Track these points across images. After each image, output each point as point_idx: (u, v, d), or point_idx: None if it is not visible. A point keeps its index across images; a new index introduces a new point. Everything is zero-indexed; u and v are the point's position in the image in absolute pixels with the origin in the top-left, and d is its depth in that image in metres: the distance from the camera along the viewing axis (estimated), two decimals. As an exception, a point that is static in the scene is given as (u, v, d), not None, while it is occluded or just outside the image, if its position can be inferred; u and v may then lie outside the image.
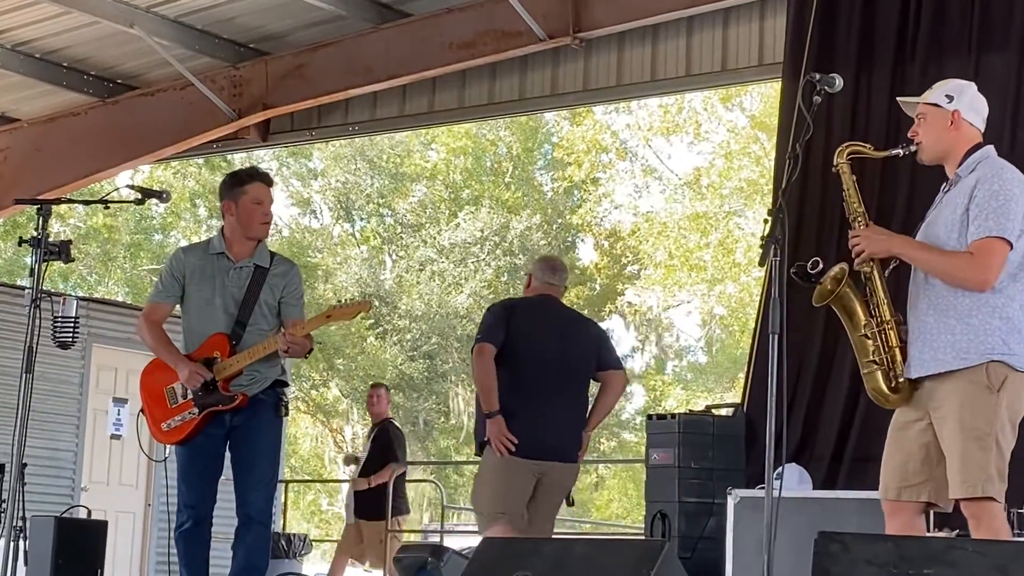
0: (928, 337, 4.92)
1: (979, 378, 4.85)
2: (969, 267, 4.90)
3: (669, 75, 10.91)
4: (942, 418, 4.88)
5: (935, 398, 4.91)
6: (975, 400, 4.84)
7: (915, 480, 4.96)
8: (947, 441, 4.85)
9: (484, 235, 28.06)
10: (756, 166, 25.01)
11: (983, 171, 5.04)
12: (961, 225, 4.94)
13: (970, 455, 4.79)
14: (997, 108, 8.70)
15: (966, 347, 4.88)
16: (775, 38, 10.08)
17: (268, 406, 6.39)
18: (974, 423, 4.82)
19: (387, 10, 11.60)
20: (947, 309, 4.91)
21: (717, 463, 8.50)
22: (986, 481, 4.79)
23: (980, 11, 8.89)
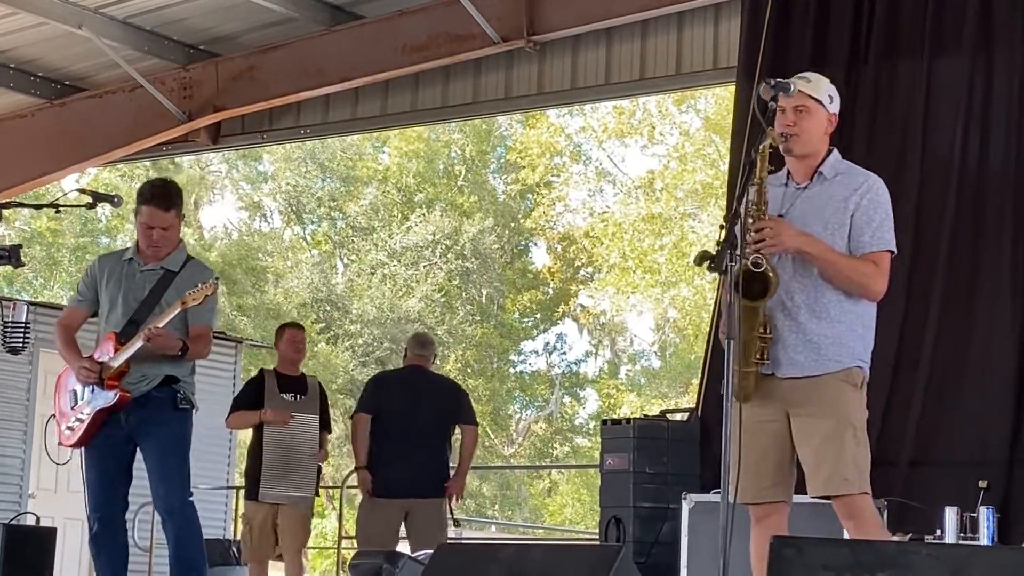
0: (804, 337, 4.92)
1: (849, 378, 4.94)
2: (875, 276, 4.99)
3: (623, 78, 10.90)
4: (812, 417, 4.88)
5: (801, 397, 4.90)
6: (850, 399, 4.93)
7: (772, 480, 4.97)
8: (820, 439, 4.85)
9: (436, 239, 28.00)
10: (710, 168, 25.07)
11: (860, 178, 5.08)
12: (841, 228, 4.97)
13: (848, 452, 4.85)
14: (949, 112, 8.81)
15: (839, 350, 4.95)
16: (729, 42, 10.08)
17: (163, 402, 6.44)
18: (851, 420, 4.90)
19: (339, 12, 11.54)
20: (822, 312, 4.93)
21: (672, 468, 8.50)
22: (863, 477, 4.87)
23: (933, 16, 8.93)
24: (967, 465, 7.97)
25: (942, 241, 8.62)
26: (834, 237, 4.97)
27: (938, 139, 8.86)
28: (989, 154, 8.70)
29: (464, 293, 28.61)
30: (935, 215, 8.66)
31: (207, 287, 6.32)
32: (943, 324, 8.55)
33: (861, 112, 9.03)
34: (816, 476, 4.87)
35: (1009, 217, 8.51)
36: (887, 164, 8.80)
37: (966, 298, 8.55)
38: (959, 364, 8.51)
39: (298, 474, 8.68)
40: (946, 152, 8.80)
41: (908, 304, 8.54)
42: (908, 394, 8.45)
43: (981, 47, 8.78)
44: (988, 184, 8.66)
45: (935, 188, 8.74)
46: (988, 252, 8.54)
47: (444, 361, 28.59)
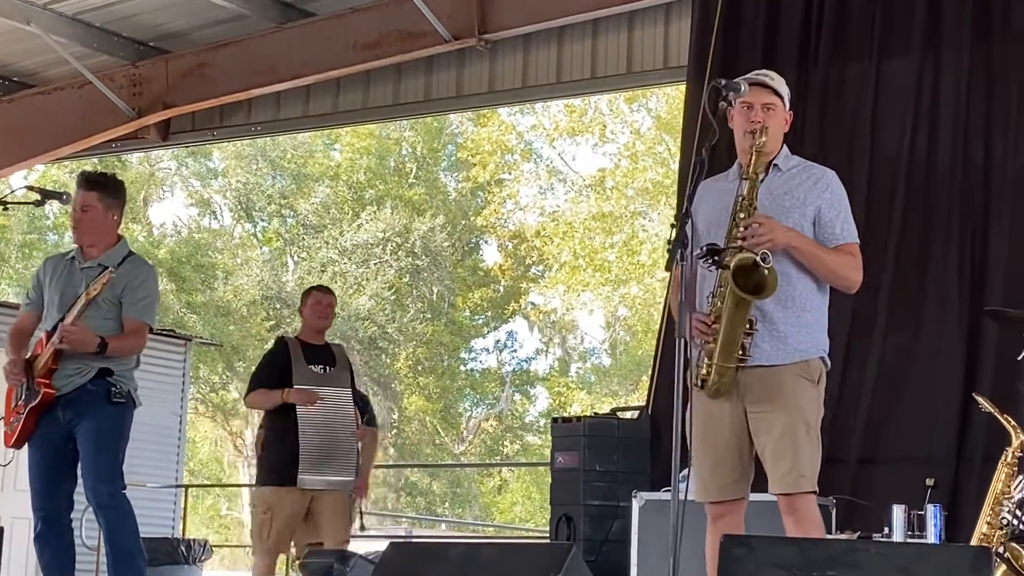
0: (770, 327, 4.94)
1: (805, 371, 4.96)
2: (855, 268, 5.08)
3: (575, 77, 10.92)
4: (769, 411, 4.90)
5: (760, 391, 4.91)
6: (806, 393, 4.95)
7: (733, 476, 4.99)
8: (776, 434, 4.87)
9: (387, 236, 27.93)
10: (661, 167, 25.14)
11: (818, 172, 5.16)
12: (803, 219, 5.02)
13: (803, 449, 4.87)
14: (898, 112, 8.88)
15: (804, 340, 4.99)
16: (680, 41, 10.12)
17: (97, 395, 6.42)
18: (806, 417, 4.91)
19: (290, 9, 11.50)
20: (789, 301, 4.96)
21: (622, 466, 8.51)
22: (815, 475, 4.90)
23: (882, 17, 8.99)
24: (915, 463, 8.02)
25: (891, 240, 8.67)
26: (792, 225, 5.00)
27: (887, 139, 8.92)
28: (937, 154, 8.76)
29: (415, 291, 28.55)
30: (884, 214, 8.71)
31: (105, 276, 6.28)
32: (891, 322, 8.61)
33: (811, 112, 9.08)
34: (775, 472, 4.88)
35: (956, 216, 8.57)
36: (836, 163, 8.75)
37: (914, 296, 8.61)
38: (907, 362, 8.57)
39: (339, 457, 7.88)
40: (895, 152, 8.86)
41: (857, 302, 8.56)
42: (856, 392, 8.50)
43: (929, 48, 8.85)
44: (936, 183, 8.72)
45: (884, 187, 8.80)
46: (936, 250, 8.60)
47: (394, 359, 28.56)
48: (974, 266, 8.50)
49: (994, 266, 8.39)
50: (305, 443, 7.72)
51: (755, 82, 5.08)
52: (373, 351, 28.36)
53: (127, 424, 6.53)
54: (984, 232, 8.49)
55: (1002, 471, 5.04)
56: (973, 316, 8.28)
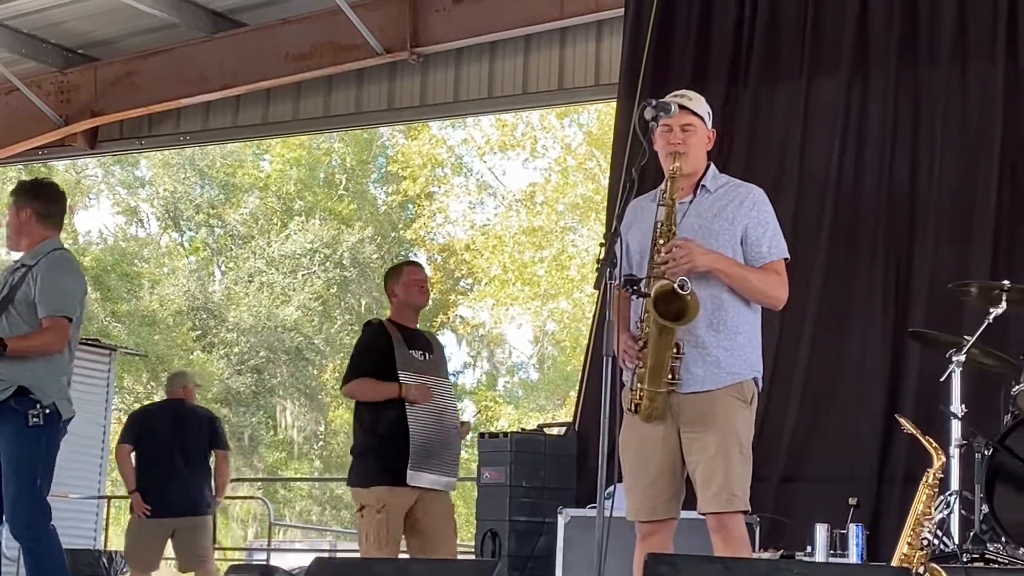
0: (702, 351, 4.92)
1: (738, 393, 4.96)
2: (781, 286, 5.05)
3: (506, 92, 10.96)
4: (702, 433, 4.88)
5: (693, 413, 4.90)
6: (738, 414, 4.94)
7: (665, 496, 4.98)
8: (709, 454, 4.86)
9: (315, 247, 27.84)
10: (591, 183, 25.22)
11: (743, 190, 5.13)
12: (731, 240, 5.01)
13: (735, 469, 4.87)
14: (827, 130, 8.96)
15: (737, 362, 4.97)
16: (611, 59, 10.17)
17: (16, 415, 6.11)
18: (739, 437, 4.91)
19: (222, 19, 11.45)
20: (720, 324, 4.94)
21: (549, 482, 8.51)
22: (746, 494, 4.90)
23: (811, 38, 9.07)
24: (838, 482, 8.08)
25: (818, 258, 8.74)
26: (724, 248, 4.99)
27: (815, 158, 9.00)
28: (864, 173, 8.85)
29: (342, 302, 28.47)
30: (812, 232, 8.78)
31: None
32: (817, 340, 8.67)
33: (740, 130, 9.15)
34: (706, 491, 4.88)
35: (882, 236, 8.66)
36: (765, 182, 8.78)
37: (840, 315, 8.68)
38: (832, 380, 8.63)
39: (446, 455, 7.02)
40: (822, 170, 8.94)
41: (784, 320, 8.63)
42: (782, 410, 8.55)
43: (857, 70, 8.94)
44: (863, 204, 8.81)
45: (811, 205, 8.87)
46: (862, 269, 8.68)
47: (321, 371, 28.45)
48: (899, 287, 8.59)
49: (918, 287, 8.48)
50: (415, 438, 6.82)
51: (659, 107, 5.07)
52: (300, 362, 28.22)
53: (48, 445, 6.16)
54: (909, 253, 8.58)
55: (923, 492, 5.08)
56: (897, 337, 8.36)
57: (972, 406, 6.74)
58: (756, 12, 9.27)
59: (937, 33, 8.75)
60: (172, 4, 11.15)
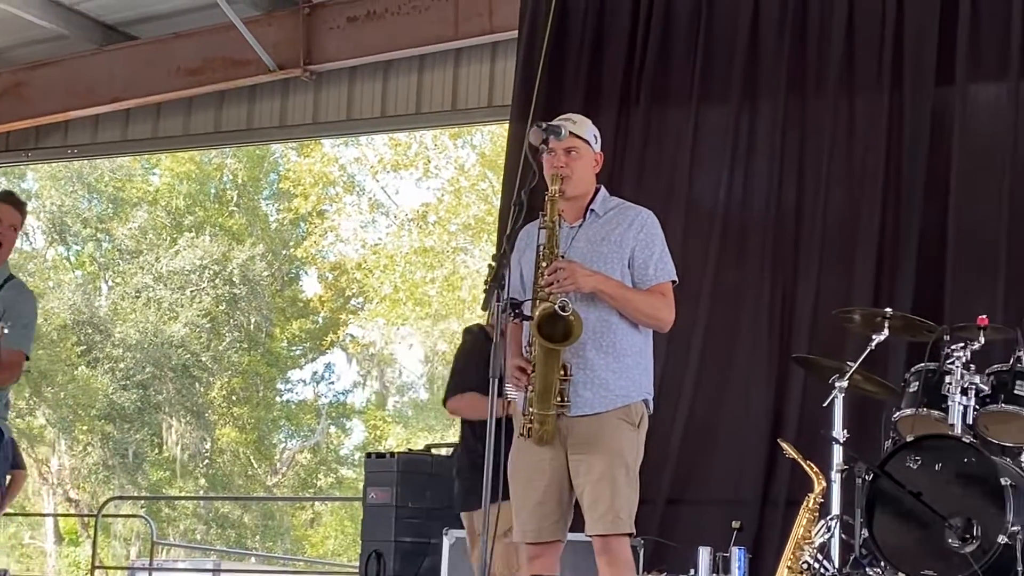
0: (591, 374, 4.94)
1: (626, 416, 4.99)
2: (666, 308, 5.10)
3: (399, 112, 10.95)
4: (589, 455, 4.90)
5: (581, 436, 4.92)
6: (626, 437, 4.97)
7: (552, 519, 4.99)
8: (595, 477, 4.88)
9: (204, 263, 27.56)
10: (484, 203, 25.25)
11: (632, 213, 5.17)
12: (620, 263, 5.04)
13: (622, 491, 4.90)
14: (716, 156, 9.06)
15: (626, 385, 5.01)
16: (505, 80, 10.21)
17: None
18: (626, 460, 4.94)
19: (112, 32, 11.34)
20: (609, 347, 4.97)
21: (435, 503, 8.49)
22: (631, 517, 4.93)
23: (701, 65, 9.17)
24: (722, 505, 8.15)
25: (705, 283, 8.82)
26: (614, 271, 5.02)
27: (704, 183, 9.09)
28: (752, 199, 8.96)
29: (232, 319, 28.21)
30: (699, 256, 8.86)
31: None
32: (703, 365, 8.75)
33: (630, 154, 9.22)
34: (592, 513, 4.90)
35: (768, 260, 8.76)
36: (654, 205, 8.81)
37: (726, 338, 8.77)
38: (718, 404, 8.71)
39: None
40: (711, 195, 9.03)
41: (670, 343, 8.70)
42: (668, 432, 8.60)
43: (746, 98, 9.05)
44: (750, 228, 8.91)
45: (699, 230, 8.95)
46: (749, 293, 8.78)
47: (208, 388, 28.16)
48: (784, 312, 8.69)
49: (802, 313, 8.58)
50: None
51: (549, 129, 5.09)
52: (186, 379, 27.92)
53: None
54: (794, 279, 8.69)
55: (803, 516, 5.15)
56: (782, 362, 8.45)
57: (854, 431, 6.83)
58: (648, 38, 9.35)
59: (825, 64, 8.89)
60: (61, 16, 11.02)
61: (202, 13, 10.97)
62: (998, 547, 5.90)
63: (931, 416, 6.53)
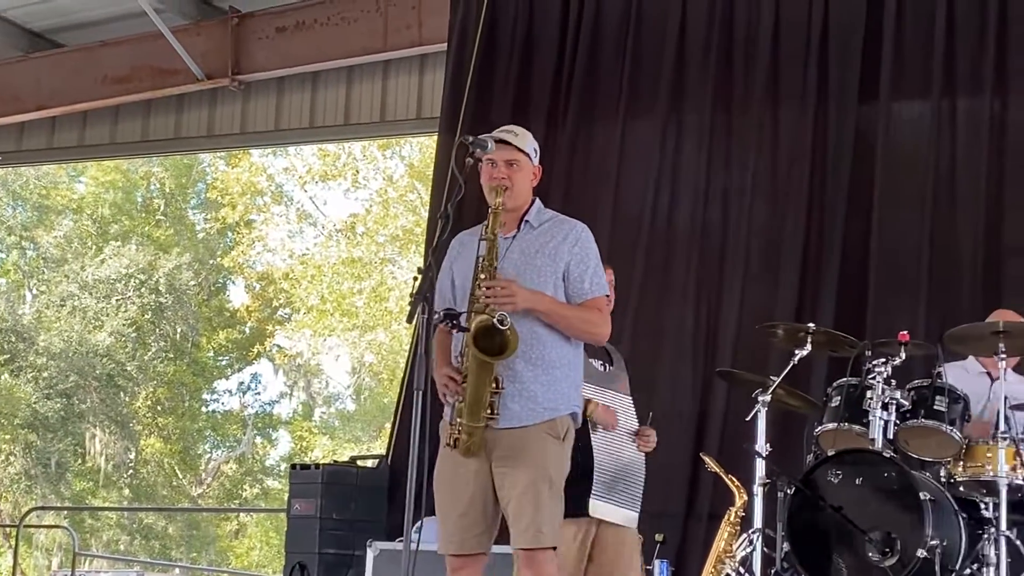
0: (520, 386, 4.92)
1: (552, 429, 4.97)
2: (602, 323, 5.09)
3: (328, 123, 10.94)
4: (513, 468, 4.89)
5: (507, 449, 4.90)
6: (551, 450, 4.95)
7: (476, 530, 4.97)
8: (519, 490, 4.87)
9: (130, 272, 27.34)
10: (412, 215, 25.22)
11: (567, 226, 5.18)
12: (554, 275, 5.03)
13: (546, 506, 4.87)
14: (642, 170, 9.12)
15: (553, 398, 4.98)
16: (434, 93, 10.23)
17: None
18: (550, 474, 4.91)
19: (38, 39, 11.25)
20: (538, 359, 4.95)
21: (360, 515, 8.48)
22: (555, 531, 4.91)
23: (629, 77, 9.24)
24: (646, 517, 8.16)
25: (630, 298, 8.86)
26: (547, 284, 5.01)
27: (630, 196, 9.15)
28: (677, 213, 9.02)
29: (158, 329, 27.98)
30: (624, 273, 8.88)
31: None
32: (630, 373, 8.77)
33: (558, 167, 9.26)
34: (516, 527, 4.88)
35: (694, 273, 8.83)
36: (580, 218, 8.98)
37: (651, 350, 8.81)
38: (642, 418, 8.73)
39: (632, 485, 6.17)
40: (637, 209, 9.09)
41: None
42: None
43: (673, 110, 9.13)
44: (675, 241, 8.98)
45: (625, 243, 9.01)
46: (673, 306, 8.84)
47: (133, 398, 27.93)
48: (708, 326, 8.75)
49: (726, 327, 8.65)
50: (600, 464, 5.98)
51: (499, 139, 5.11)
52: (111, 389, 27.66)
53: None
54: (719, 293, 8.76)
55: (725, 529, 5.19)
56: (706, 375, 8.51)
57: (776, 445, 6.88)
58: (576, 54, 9.41)
59: (751, 80, 8.98)
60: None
61: (130, 21, 10.91)
62: (917, 561, 5.96)
63: (852, 431, 6.59)
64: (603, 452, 6.01)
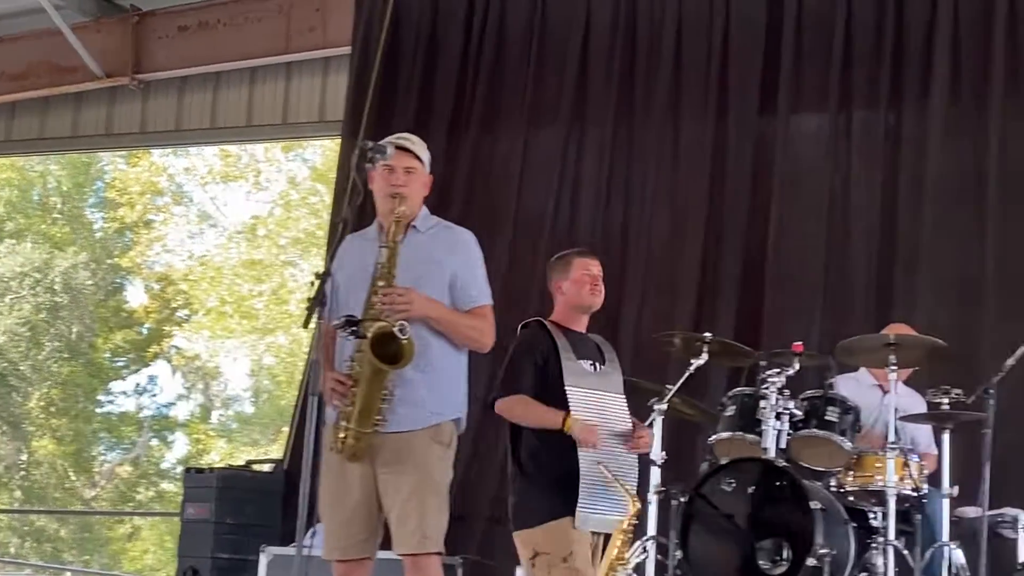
0: (407, 390, 4.92)
1: (437, 435, 4.99)
2: (488, 330, 5.13)
3: (230, 124, 10.85)
4: (398, 474, 4.90)
5: (391, 454, 4.91)
6: (437, 456, 4.98)
7: (361, 536, 4.98)
8: (404, 496, 4.88)
9: (25, 271, 26.96)
10: (315, 218, 25.09)
11: (454, 234, 5.22)
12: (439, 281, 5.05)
13: (432, 511, 4.90)
14: (544, 179, 9.16)
15: (439, 403, 5.02)
16: (337, 96, 10.18)
17: None
18: (435, 479, 4.95)
19: (-69, 33, 11.07)
20: (426, 365, 4.95)
21: (254, 519, 8.43)
22: (439, 536, 4.93)
23: (532, 90, 9.27)
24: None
25: (531, 305, 8.88)
26: (434, 291, 5.03)
27: (531, 205, 9.18)
28: (578, 223, 9.06)
29: (52, 328, 27.61)
30: (525, 280, 8.92)
31: None
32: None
33: (460, 174, 9.28)
34: (400, 532, 4.89)
35: (594, 279, 8.85)
36: (481, 228, 8.94)
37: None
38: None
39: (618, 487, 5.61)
40: (538, 218, 9.12)
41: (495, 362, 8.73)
42: (493, 451, 8.63)
43: (575, 122, 9.17)
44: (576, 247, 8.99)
45: (526, 252, 9.03)
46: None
47: (27, 399, 27.54)
48: (607, 334, 8.74)
49: (625, 335, 8.69)
50: (586, 477, 5.55)
51: (397, 146, 5.11)
52: (3, 389, 27.27)
53: None
54: (619, 301, 8.79)
55: (618, 537, 5.20)
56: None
57: (672, 454, 6.92)
58: (480, 61, 9.43)
59: (652, 91, 9.04)
60: None
61: (28, 17, 10.77)
62: (807, 569, 6.04)
63: (746, 440, 6.66)
64: (589, 462, 5.54)
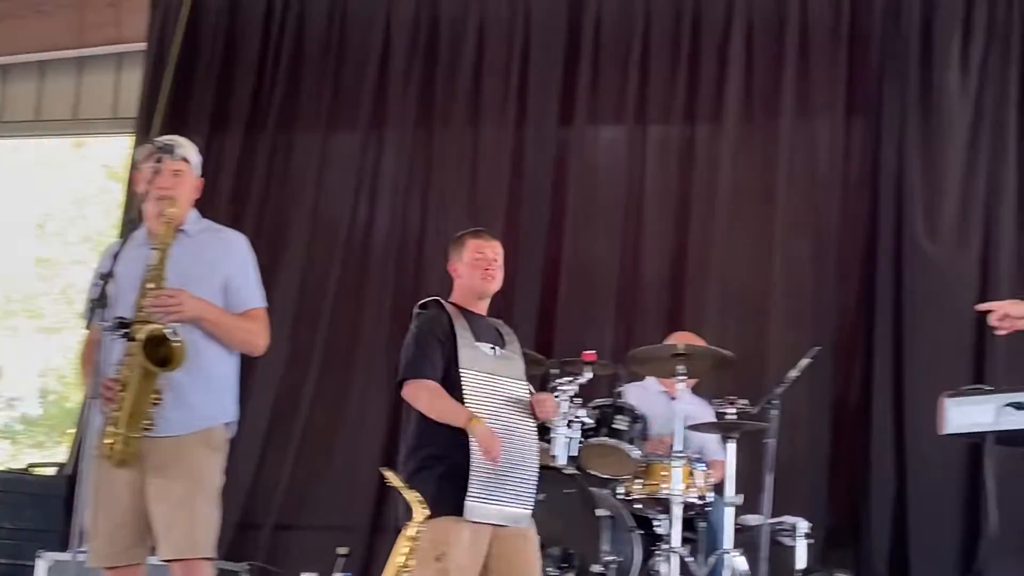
0: (177, 394, 4.84)
1: (207, 439, 4.94)
2: (262, 333, 5.08)
3: (18, 118, 10.58)
4: (167, 479, 4.82)
5: (160, 459, 4.82)
6: (206, 461, 4.92)
7: (130, 542, 4.89)
8: (174, 502, 4.80)
9: None
10: (107, 216, 24.57)
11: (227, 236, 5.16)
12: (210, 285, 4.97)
13: (202, 517, 4.84)
14: (342, 183, 9.11)
15: (210, 408, 4.96)
16: (130, 92, 9.96)
17: None
18: (206, 484, 4.89)
19: None
20: (195, 371, 4.87)
21: (34, 524, 8.20)
22: (209, 541, 4.87)
23: (331, 93, 9.22)
24: (333, 531, 8.15)
25: (325, 308, 8.84)
26: (204, 291, 4.94)
27: (329, 208, 9.12)
28: (376, 227, 9.03)
29: None
30: (321, 280, 8.87)
31: None
32: (321, 386, 8.75)
33: (256, 177, 9.18)
34: (167, 539, 4.80)
35: (391, 287, 8.83)
36: (277, 230, 8.98)
37: (345, 362, 8.80)
38: (333, 427, 8.72)
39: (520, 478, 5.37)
40: (335, 221, 9.06)
41: (287, 365, 8.70)
42: (280, 458, 8.57)
43: (375, 124, 9.14)
44: (373, 251, 8.98)
45: (322, 254, 8.97)
46: (369, 318, 8.83)
47: None
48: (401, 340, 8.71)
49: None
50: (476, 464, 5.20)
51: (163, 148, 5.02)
52: None
53: None
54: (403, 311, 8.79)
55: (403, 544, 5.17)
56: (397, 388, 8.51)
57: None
58: (278, 63, 9.34)
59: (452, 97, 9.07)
60: None
61: None
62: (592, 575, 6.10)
63: (538, 447, 6.69)
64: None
